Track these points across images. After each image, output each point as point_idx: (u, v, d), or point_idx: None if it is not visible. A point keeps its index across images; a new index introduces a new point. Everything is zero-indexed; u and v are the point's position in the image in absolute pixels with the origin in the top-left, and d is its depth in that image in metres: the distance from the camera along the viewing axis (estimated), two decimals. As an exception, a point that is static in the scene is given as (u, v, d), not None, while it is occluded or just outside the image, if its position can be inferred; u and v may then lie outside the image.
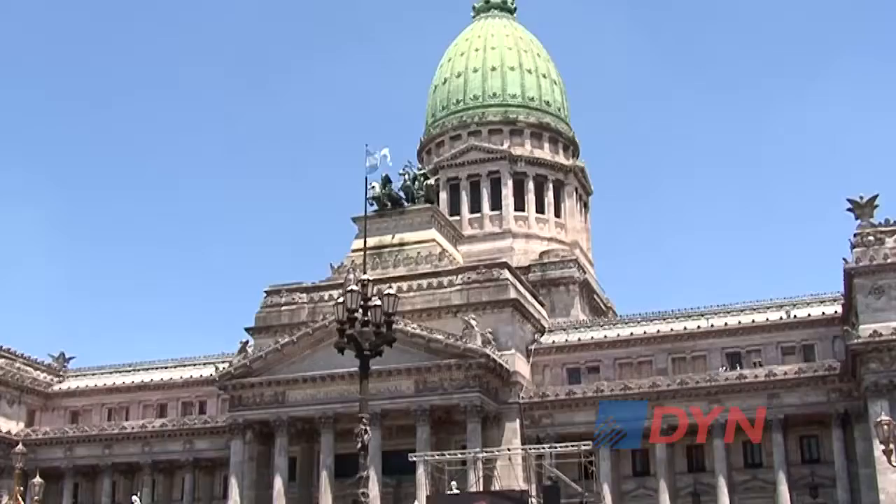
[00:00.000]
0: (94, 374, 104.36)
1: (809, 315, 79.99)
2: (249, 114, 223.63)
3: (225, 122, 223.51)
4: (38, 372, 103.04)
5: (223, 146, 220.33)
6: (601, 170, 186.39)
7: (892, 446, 39.97)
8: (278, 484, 78.38)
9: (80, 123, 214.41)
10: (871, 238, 71.29)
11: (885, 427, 41.02)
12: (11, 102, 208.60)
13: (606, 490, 74.02)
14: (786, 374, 75.26)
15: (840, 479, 72.51)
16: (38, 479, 62.35)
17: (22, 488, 70.07)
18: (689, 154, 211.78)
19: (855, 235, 72.27)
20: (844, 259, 71.73)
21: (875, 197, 72.81)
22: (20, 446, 66.73)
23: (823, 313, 79.74)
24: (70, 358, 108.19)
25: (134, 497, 76.77)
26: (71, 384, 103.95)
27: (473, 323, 76.77)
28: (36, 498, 61.54)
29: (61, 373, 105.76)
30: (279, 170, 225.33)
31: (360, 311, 27.78)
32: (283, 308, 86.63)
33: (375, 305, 27.96)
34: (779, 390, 75.04)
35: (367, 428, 29.10)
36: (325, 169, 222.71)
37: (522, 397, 79.44)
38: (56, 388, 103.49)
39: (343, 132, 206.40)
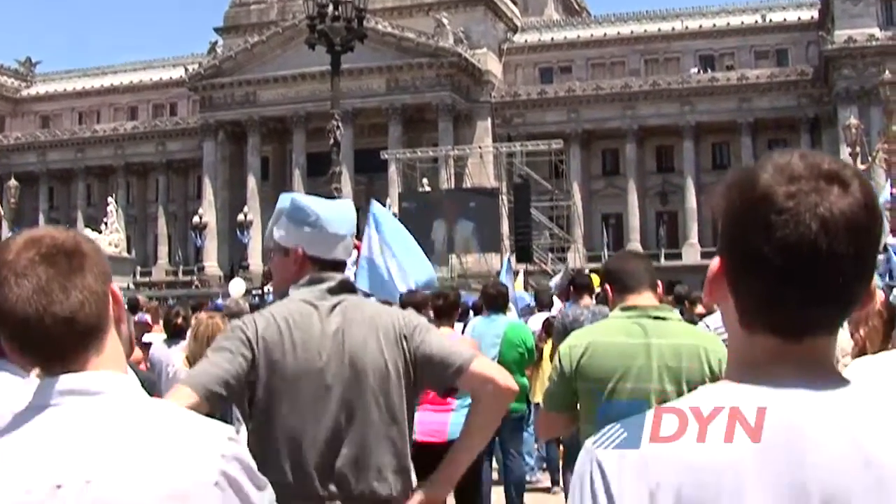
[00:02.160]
0: (62, 79, 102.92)
1: (785, 20, 79.34)
2: None
3: None
4: (4, 77, 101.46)
5: None
6: None
7: (858, 149, 40.75)
8: (251, 183, 79.26)
9: None
10: (850, -60, 69.85)
11: (854, 130, 41.83)
12: None
13: (576, 188, 75.00)
14: (758, 77, 75.28)
15: (807, 181, 73.78)
16: (13, 182, 62.63)
17: (-3, 191, 70.60)
18: None
19: (836, -64, 70.72)
20: (822, -38, 70.55)
21: None
22: (-7, 150, 66.75)
23: (799, 18, 79.10)
24: (37, 63, 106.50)
25: (109, 199, 77.38)
26: (40, 89, 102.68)
27: (445, 21, 75.59)
28: (12, 200, 61.97)
29: (29, 78, 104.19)
30: None
31: (331, 6, 27.31)
32: (252, 6, 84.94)
33: (346, 1, 27.47)
34: (750, 94, 75.20)
35: (339, 123, 29.17)
36: None
37: (494, 96, 79.41)
38: (25, 93, 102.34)
39: None
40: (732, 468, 1.49)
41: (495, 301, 10.62)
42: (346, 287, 3.76)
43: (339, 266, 3.82)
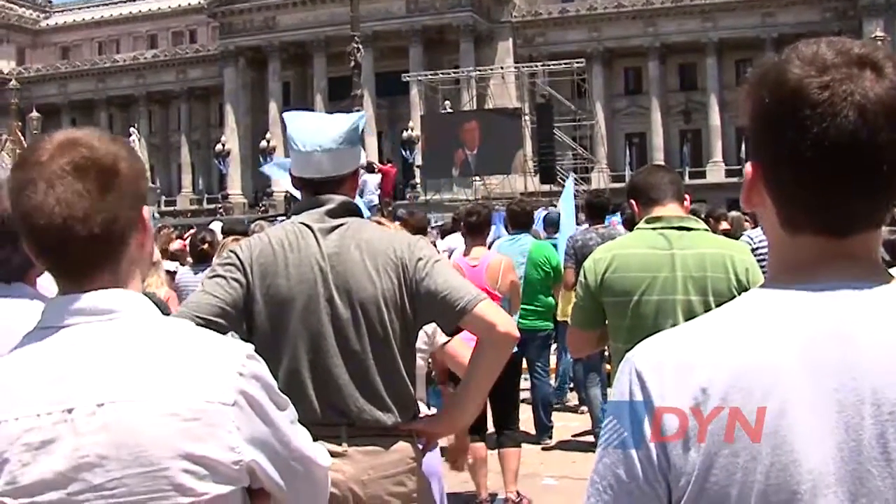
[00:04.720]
0: (80, 9, 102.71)
1: (810, -71, 77.85)
2: None
3: None
4: (23, 9, 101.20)
5: None
6: None
7: (883, 66, 40.59)
8: (273, 109, 78.86)
9: None
10: None
11: (880, 43, 41.29)
12: None
13: (599, 108, 74.25)
14: (781, -7, 74.22)
15: (830, 98, 73.05)
16: (35, 114, 62.67)
17: (20, 123, 70.47)
18: None
19: None
20: None
21: None
22: (14, 82, 66.56)
23: (824, -72, 77.61)
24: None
25: (131, 128, 77.20)
26: (58, 20, 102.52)
27: (465, -61, 74.79)
28: (35, 132, 61.93)
29: (47, 9, 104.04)
30: None
31: (347, -74, 27.00)
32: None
33: (362, -81, 27.12)
34: (774, 9, 74.07)
35: (360, 46, 29.00)
36: None
37: (515, 16, 78.57)
38: (43, 24, 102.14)
39: None
40: (778, 373, 1.44)
41: (519, 219, 10.52)
42: (349, 209, 3.63)
43: (329, 186, 3.68)
